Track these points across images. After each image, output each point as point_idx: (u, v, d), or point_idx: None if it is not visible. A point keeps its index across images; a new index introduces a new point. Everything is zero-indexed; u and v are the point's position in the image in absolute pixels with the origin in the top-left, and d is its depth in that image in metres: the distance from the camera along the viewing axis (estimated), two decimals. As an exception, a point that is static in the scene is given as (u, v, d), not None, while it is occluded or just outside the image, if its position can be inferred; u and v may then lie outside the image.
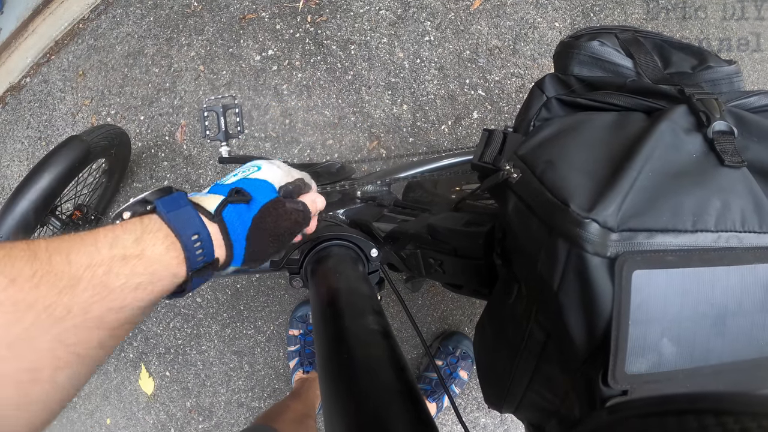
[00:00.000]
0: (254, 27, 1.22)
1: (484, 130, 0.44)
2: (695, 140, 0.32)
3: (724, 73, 0.42)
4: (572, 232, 0.28)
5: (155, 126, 1.24)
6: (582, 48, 0.44)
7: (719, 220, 0.27)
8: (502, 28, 1.22)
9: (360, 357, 0.32)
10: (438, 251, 0.53)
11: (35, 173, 0.87)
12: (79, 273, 0.25)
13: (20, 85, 1.47)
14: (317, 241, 0.55)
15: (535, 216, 0.32)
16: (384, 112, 1.14)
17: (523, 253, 0.34)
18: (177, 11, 1.29)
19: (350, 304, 0.41)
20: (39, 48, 1.48)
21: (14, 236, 0.85)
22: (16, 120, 1.42)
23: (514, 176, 0.36)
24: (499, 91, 1.18)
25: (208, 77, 1.22)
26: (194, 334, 1.16)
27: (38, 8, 1.53)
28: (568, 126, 0.38)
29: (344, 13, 1.20)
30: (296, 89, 1.17)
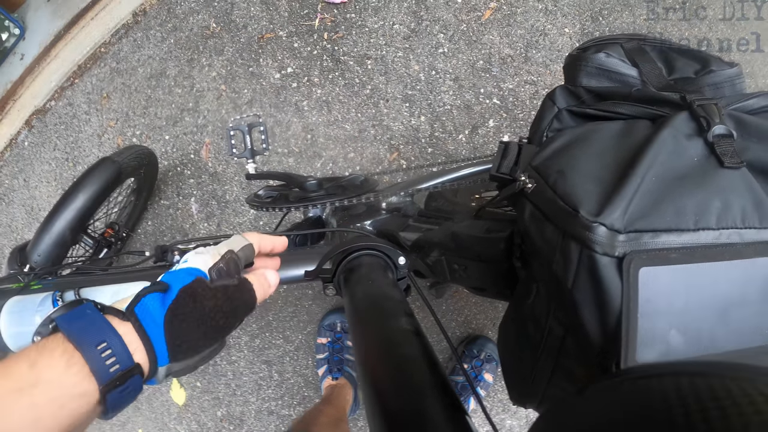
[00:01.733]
0: (273, 46, 1.26)
1: (500, 143, 0.47)
2: (696, 144, 0.35)
3: (725, 76, 0.45)
4: (582, 236, 0.31)
5: (180, 145, 1.28)
6: (589, 60, 0.47)
7: (720, 218, 0.30)
8: (514, 36, 1.25)
9: (397, 355, 0.35)
10: (462, 257, 0.56)
11: (70, 194, 0.91)
12: None
13: (45, 108, 1.52)
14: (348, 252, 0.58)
15: (549, 222, 0.35)
16: (402, 124, 1.17)
17: (540, 255, 0.37)
18: (196, 33, 1.33)
19: (384, 307, 0.43)
20: (62, 72, 1.53)
21: (51, 255, 0.89)
22: (42, 142, 1.47)
23: (529, 186, 0.39)
24: (513, 98, 1.21)
25: (230, 96, 1.25)
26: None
27: (59, 34, 1.58)
28: (577, 136, 0.40)
29: (359, 29, 1.23)
30: (316, 105, 1.20)
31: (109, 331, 0.28)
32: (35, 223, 1.46)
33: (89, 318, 0.28)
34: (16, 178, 1.48)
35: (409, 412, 0.29)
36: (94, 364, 0.26)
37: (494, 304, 1.16)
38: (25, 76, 1.58)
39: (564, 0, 1.30)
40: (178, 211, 1.26)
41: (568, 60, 0.51)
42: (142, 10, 1.44)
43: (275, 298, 1.15)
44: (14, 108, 1.57)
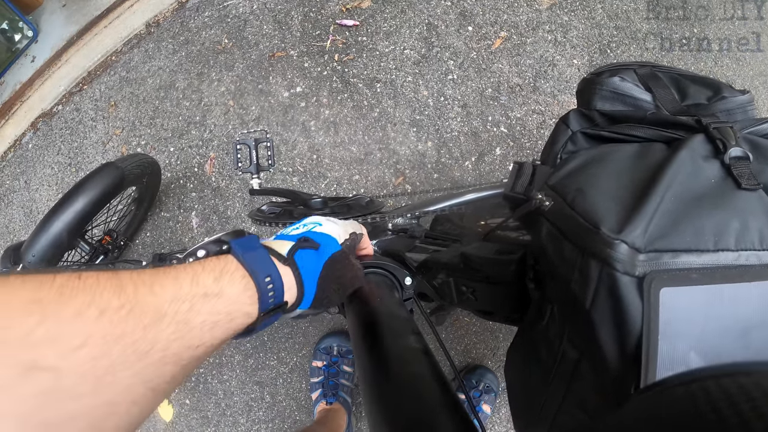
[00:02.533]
0: (283, 64, 1.26)
1: (515, 163, 0.47)
2: (713, 166, 0.35)
3: (737, 102, 0.45)
4: (603, 253, 0.30)
5: (185, 158, 1.28)
6: (604, 84, 0.48)
7: (739, 239, 0.29)
8: (523, 66, 1.26)
9: (405, 373, 0.34)
10: (470, 279, 0.55)
11: (71, 196, 0.89)
12: (164, 308, 0.25)
13: (52, 112, 1.52)
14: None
15: (567, 240, 0.35)
16: (409, 148, 1.17)
17: (556, 275, 0.37)
18: (208, 47, 1.34)
19: (391, 325, 0.43)
20: (72, 77, 1.54)
21: (46, 256, 0.87)
22: (47, 146, 1.47)
23: (546, 204, 0.39)
24: (520, 127, 1.21)
25: (238, 112, 1.26)
26: (216, 363, 1.16)
27: (72, 39, 1.59)
28: (594, 157, 0.41)
29: (370, 53, 1.24)
30: (324, 125, 1.20)
31: (274, 268, 0.33)
32: (33, 225, 1.44)
33: (259, 252, 0.33)
34: (17, 180, 1.47)
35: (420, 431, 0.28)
36: (262, 293, 0.31)
37: (495, 334, 1.14)
38: (34, 79, 1.59)
39: (573, 32, 1.31)
40: (178, 224, 1.25)
41: (583, 84, 0.51)
42: (156, 21, 1.46)
43: (272, 319, 1.13)
44: (21, 109, 1.57)
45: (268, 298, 0.31)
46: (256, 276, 0.31)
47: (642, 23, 1.38)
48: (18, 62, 1.61)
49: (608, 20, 1.35)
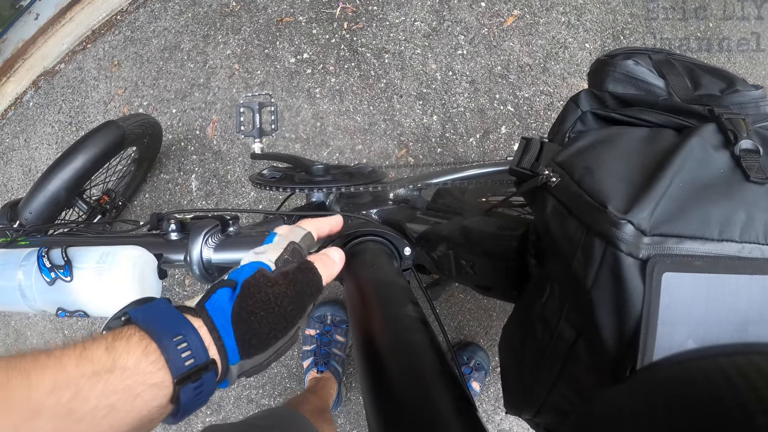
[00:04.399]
0: (291, 30, 1.24)
1: (522, 138, 0.46)
2: (723, 156, 0.34)
3: (751, 97, 0.44)
4: (609, 232, 0.30)
5: (187, 120, 1.26)
6: (617, 66, 0.47)
7: (744, 231, 0.29)
8: (534, 46, 1.24)
9: (403, 341, 0.33)
10: (471, 253, 0.55)
11: (70, 153, 0.88)
12: (42, 399, 0.20)
13: (54, 70, 1.50)
14: (352, 236, 0.56)
15: (573, 217, 0.34)
16: (414, 121, 1.16)
17: (559, 252, 0.36)
18: (215, 9, 1.32)
19: (389, 293, 0.42)
20: (76, 36, 1.51)
21: (43, 213, 0.86)
22: (48, 104, 1.45)
23: (553, 180, 0.38)
24: (528, 107, 1.19)
25: (243, 76, 1.24)
26: (210, 327, 1.16)
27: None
28: (603, 137, 0.40)
29: (380, 23, 1.22)
30: (329, 93, 1.19)
31: (185, 324, 0.27)
32: (31, 184, 1.44)
33: (163, 311, 0.27)
34: (17, 138, 1.45)
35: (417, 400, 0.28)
36: (169, 354, 0.25)
37: (489, 313, 1.14)
38: (37, 36, 1.56)
39: (587, 15, 1.29)
40: (177, 186, 1.24)
41: (596, 65, 0.50)
42: (163, -19, 1.43)
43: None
44: (23, 67, 1.55)
45: (181, 360, 0.25)
46: (157, 335, 0.25)
47: (659, 12, 1.36)
48: (21, 19, 1.58)
49: (624, 7, 1.33)
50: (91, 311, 0.56)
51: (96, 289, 0.55)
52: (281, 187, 0.70)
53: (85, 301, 0.55)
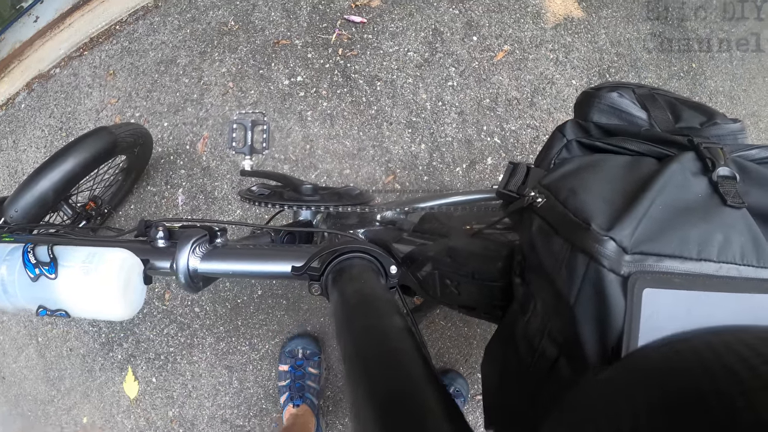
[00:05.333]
0: (286, 52, 1.26)
1: (510, 163, 0.48)
2: (701, 182, 0.36)
3: (729, 129, 0.47)
4: (592, 249, 0.31)
5: (178, 134, 1.27)
6: (602, 98, 0.49)
7: (721, 251, 0.31)
8: (522, 80, 1.28)
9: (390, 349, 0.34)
10: (456, 273, 0.56)
11: (61, 155, 0.87)
12: None
13: (49, 74, 1.50)
14: (340, 252, 0.57)
15: (557, 235, 0.36)
16: (402, 148, 1.18)
17: (543, 270, 0.37)
18: (214, 27, 1.34)
19: (377, 305, 0.42)
20: (73, 42, 1.52)
21: (29, 213, 0.84)
22: (40, 107, 1.45)
23: (539, 201, 0.40)
24: (514, 140, 1.22)
25: (236, 94, 1.25)
26: (187, 343, 1.16)
27: (78, 3, 1.57)
28: (587, 163, 0.42)
29: (374, 51, 1.25)
30: (320, 117, 1.21)
31: None
32: (16, 185, 1.43)
33: None
34: (5, 138, 1.45)
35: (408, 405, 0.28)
36: None
37: (469, 341, 1.15)
38: (35, 39, 1.57)
39: (575, 53, 1.34)
40: (163, 199, 1.24)
41: (582, 96, 0.52)
42: (165, -5, 1.45)
43: (247, 303, 1.12)
44: (18, 68, 1.55)
45: None
46: None
47: (642, 53, 1.41)
48: (20, 20, 1.59)
49: (610, 46, 1.38)
50: (73, 311, 0.56)
51: (80, 288, 0.54)
52: (270, 203, 0.71)
53: (68, 300, 0.55)
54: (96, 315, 0.56)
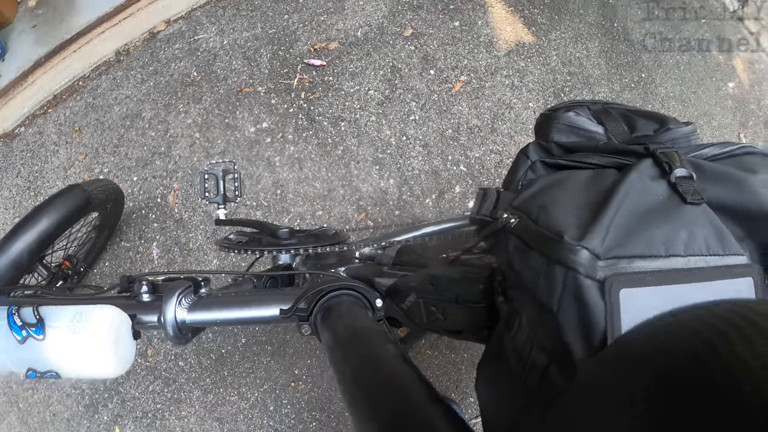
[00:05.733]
0: (250, 100, 1.29)
1: (480, 189, 0.51)
2: (661, 185, 0.39)
3: (681, 133, 0.50)
4: (567, 259, 0.34)
5: (148, 188, 1.28)
6: (560, 118, 0.53)
7: (687, 246, 0.34)
8: (481, 108, 1.33)
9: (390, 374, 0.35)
10: (440, 299, 0.58)
11: (34, 215, 0.86)
12: None
13: (14, 133, 1.49)
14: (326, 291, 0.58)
15: (533, 250, 0.38)
16: (372, 186, 1.21)
17: (524, 285, 0.40)
18: (177, 79, 1.36)
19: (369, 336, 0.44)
20: (37, 99, 1.52)
21: (4, 277, 0.83)
22: (6, 167, 1.43)
23: (512, 221, 0.43)
24: (479, 166, 1.27)
25: (204, 145, 1.27)
26: (174, 398, 1.15)
27: (40, 61, 1.58)
28: (553, 181, 0.45)
29: (336, 92, 1.29)
30: (288, 161, 1.23)
31: None
32: (-13, 252, 1.40)
33: None
34: (-29, 203, 1.43)
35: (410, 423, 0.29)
36: None
37: (457, 367, 1.18)
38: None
39: (529, 77, 1.40)
40: (138, 254, 1.24)
41: (541, 118, 0.56)
42: (126, 50, 1.46)
43: (232, 353, 1.13)
44: (-20, 130, 1.53)
45: None
46: None
47: (594, 69, 1.48)
48: (-19, 81, 1.58)
49: (562, 66, 1.45)
50: (64, 372, 0.55)
51: (70, 348, 0.54)
52: (250, 249, 0.72)
53: (58, 361, 0.55)
54: (87, 374, 0.56)
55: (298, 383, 1.10)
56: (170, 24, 1.47)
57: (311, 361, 1.10)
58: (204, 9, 1.46)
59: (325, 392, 1.10)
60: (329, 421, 1.08)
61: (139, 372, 1.18)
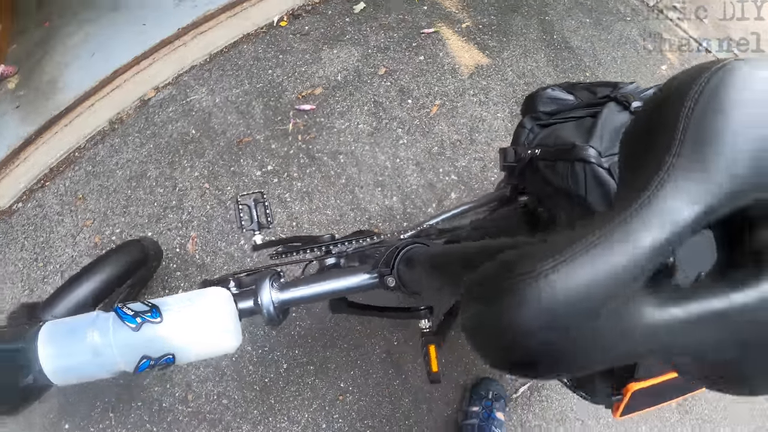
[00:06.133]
0: (251, 148, 1.41)
1: (500, 149, 0.71)
2: (624, 114, 0.59)
3: (630, 88, 0.70)
4: (582, 155, 0.52)
5: (164, 240, 1.34)
6: (543, 94, 0.75)
7: None
8: (458, 125, 1.51)
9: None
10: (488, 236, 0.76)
11: (99, 264, 0.91)
12: None
13: (11, 210, 1.49)
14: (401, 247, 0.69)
15: (557, 161, 0.58)
16: (378, 205, 1.35)
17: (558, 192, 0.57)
18: (176, 138, 1.45)
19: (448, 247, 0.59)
20: (32, 175, 1.53)
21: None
22: (7, 243, 1.42)
23: (537, 152, 0.63)
24: (467, 173, 1.43)
25: (214, 193, 1.36)
26: (222, 437, 1.19)
27: (30, 138, 1.60)
28: (553, 129, 0.66)
29: (329, 131, 1.43)
30: (298, 196, 1.34)
31: None
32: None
33: None
34: (-26, 283, 1.42)
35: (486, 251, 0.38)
36: None
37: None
38: (-12, 179, 1.56)
39: (493, 92, 1.60)
40: (166, 305, 1.29)
41: (527, 99, 0.77)
42: (119, 118, 1.54)
43: (275, 380, 1.19)
44: (-27, 212, 1.53)
45: None
46: None
47: (545, 77, 1.71)
48: (-31, 164, 1.58)
49: (518, 78, 1.66)
50: (182, 352, 0.56)
51: (189, 325, 0.56)
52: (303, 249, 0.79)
53: (176, 341, 0.56)
54: (206, 351, 0.59)
55: (346, 395, 1.17)
56: (159, 90, 1.57)
57: (354, 371, 1.18)
58: (190, 74, 1.58)
59: (373, 398, 1.17)
60: (382, 425, 1.16)
61: (181, 420, 1.21)
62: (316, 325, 1.21)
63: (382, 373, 1.20)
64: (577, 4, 1.88)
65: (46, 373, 0.54)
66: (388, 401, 1.18)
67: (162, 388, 1.21)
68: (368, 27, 1.66)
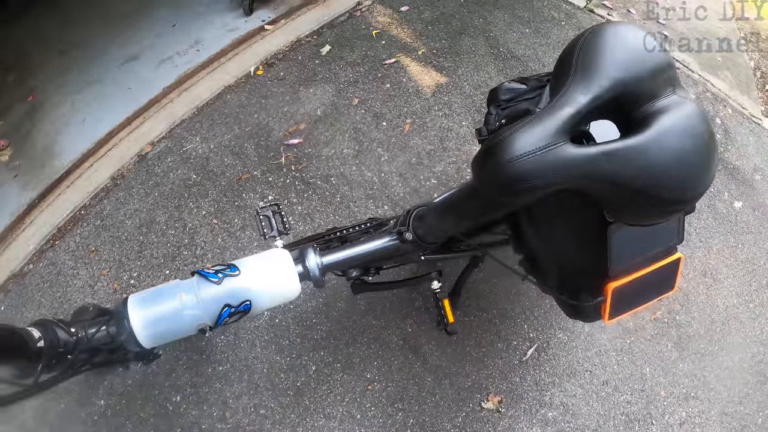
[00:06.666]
0: (251, 183, 1.56)
1: (476, 129, 0.90)
2: None
3: None
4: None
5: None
6: (502, 86, 0.95)
7: None
8: (430, 137, 1.72)
9: None
10: None
11: None
12: None
13: (23, 272, 1.52)
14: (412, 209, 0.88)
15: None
16: (372, 214, 1.52)
17: None
18: (179, 184, 1.58)
19: None
20: (41, 236, 1.57)
21: None
22: (24, 303, 1.45)
23: (503, 122, 0.83)
24: (445, 177, 1.63)
25: (223, 227, 1.50)
26: (262, 447, 1.28)
27: (33, 203, 1.67)
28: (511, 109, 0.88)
29: (318, 158, 1.61)
30: (300, 217, 1.50)
31: None
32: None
33: None
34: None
35: None
36: None
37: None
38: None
39: (455, 105, 1.83)
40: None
41: (491, 92, 0.97)
42: (120, 174, 1.65)
43: (307, 382, 1.30)
44: (-15, 277, 1.55)
45: None
46: None
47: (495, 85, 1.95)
48: (-25, 233, 1.62)
49: (474, 90, 1.89)
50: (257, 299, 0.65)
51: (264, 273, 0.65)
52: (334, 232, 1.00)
53: (254, 288, 0.64)
54: (277, 296, 0.70)
55: (374, 385, 1.29)
56: (155, 144, 1.71)
57: (377, 361, 1.32)
58: (182, 126, 1.73)
59: (399, 383, 1.30)
60: (411, 406, 1.28)
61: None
62: (335, 327, 1.35)
63: (402, 358, 1.33)
64: (516, 18, 2.15)
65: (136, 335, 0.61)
66: (413, 383, 1.31)
67: (199, 411, 1.29)
68: (336, 66, 1.88)
